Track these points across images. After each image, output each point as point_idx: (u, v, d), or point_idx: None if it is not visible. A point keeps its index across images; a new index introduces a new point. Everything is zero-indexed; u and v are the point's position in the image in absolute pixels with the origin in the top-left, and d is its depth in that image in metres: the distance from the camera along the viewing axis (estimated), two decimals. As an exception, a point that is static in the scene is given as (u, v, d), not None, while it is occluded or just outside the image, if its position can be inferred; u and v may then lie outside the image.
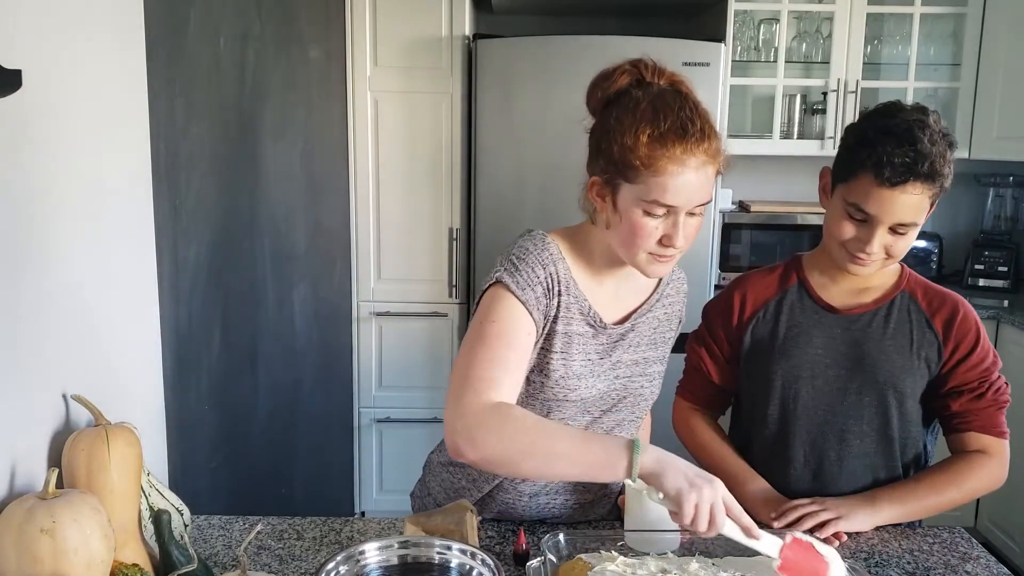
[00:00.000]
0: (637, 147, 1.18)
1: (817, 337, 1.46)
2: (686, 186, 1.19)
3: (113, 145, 1.35)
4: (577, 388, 1.31)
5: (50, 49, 1.15)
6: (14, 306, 1.07)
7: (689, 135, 1.18)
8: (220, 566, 1.24)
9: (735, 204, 3.49)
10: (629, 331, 1.37)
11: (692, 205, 1.21)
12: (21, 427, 1.09)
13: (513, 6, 3.32)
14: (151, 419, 1.49)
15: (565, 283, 1.29)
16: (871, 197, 1.33)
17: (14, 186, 1.07)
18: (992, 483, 1.44)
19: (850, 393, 1.44)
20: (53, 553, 0.95)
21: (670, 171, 1.18)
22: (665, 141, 1.17)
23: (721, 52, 2.88)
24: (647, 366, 1.39)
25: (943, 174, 1.32)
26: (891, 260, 1.39)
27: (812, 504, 1.38)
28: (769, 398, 1.49)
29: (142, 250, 1.46)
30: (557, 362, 1.30)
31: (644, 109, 1.20)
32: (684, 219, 1.21)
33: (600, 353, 1.34)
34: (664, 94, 1.22)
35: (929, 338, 1.43)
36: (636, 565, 1.16)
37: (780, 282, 1.52)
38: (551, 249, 1.30)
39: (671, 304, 1.44)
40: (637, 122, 1.19)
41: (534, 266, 1.27)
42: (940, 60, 3.40)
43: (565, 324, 1.30)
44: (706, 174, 1.20)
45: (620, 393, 1.37)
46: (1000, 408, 1.43)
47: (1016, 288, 3.36)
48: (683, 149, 1.18)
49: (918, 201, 1.32)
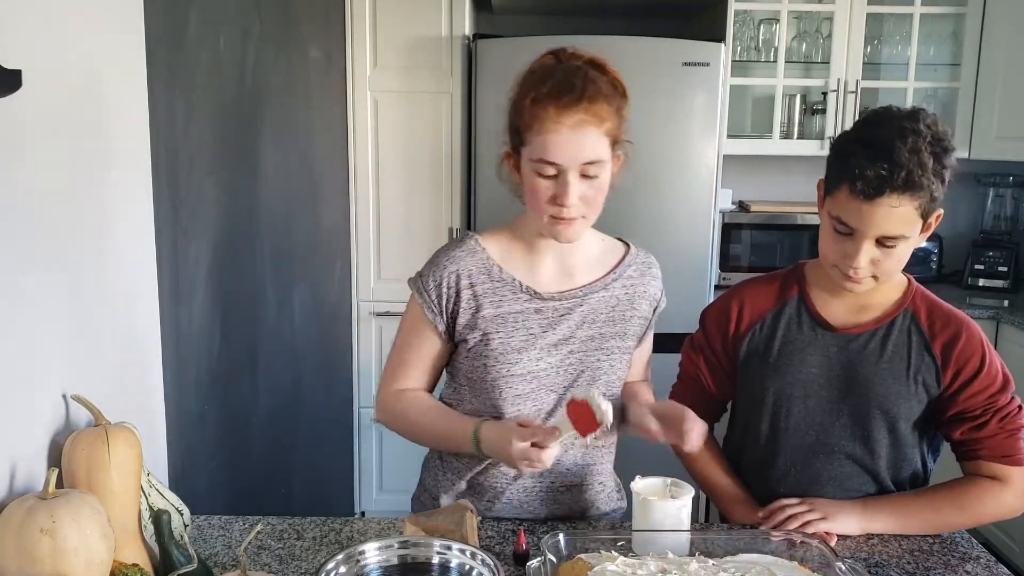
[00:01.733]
0: (523, 110, 1.29)
1: (812, 355, 1.44)
2: (564, 143, 1.26)
3: (113, 145, 1.35)
4: (519, 361, 1.37)
5: (50, 49, 1.15)
6: (14, 306, 1.07)
7: (564, 95, 1.26)
8: (220, 566, 1.24)
9: (735, 204, 3.49)
10: (578, 305, 1.40)
11: (577, 164, 1.27)
12: (21, 427, 1.09)
13: (513, 6, 3.32)
14: (151, 419, 1.49)
15: (484, 272, 1.39)
16: (850, 211, 1.30)
17: (14, 186, 1.07)
18: (1003, 512, 1.39)
19: (842, 415, 1.43)
20: (53, 553, 0.95)
21: (547, 129, 1.26)
22: (544, 102, 1.26)
23: (721, 52, 2.88)
24: (603, 341, 1.41)
25: (923, 184, 1.25)
26: (884, 278, 1.35)
27: (800, 504, 1.38)
28: (761, 414, 1.48)
29: (142, 250, 1.46)
30: (495, 341, 1.37)
31: (535, 76, 1.31)
32: (575, 179, 1.28)
33: (543, 327, 1.39)
34: (557, 67, 1.30)
35: (927, 362, 1.39)
36: (636, 565, 1.17)
37: (780, 293, 1.50)
38: (465, 246, 1.41)
39: (634, 286, 1.46)
40: (525, 89, 1.30)
41: (436, 270, 1.40)
42: (940, 60, 3.40)
43: (495, 307, 1.38)
44: (584, 134, 1.26)
45: (576, 368, 1.40)
46: (1012, 435, 1.36)
47: (1016, 288, 3.36)
48: (556, 108, 1.26)
49: (902, 213, 1.27)
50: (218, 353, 1.89)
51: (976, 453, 1.39)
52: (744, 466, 1.54)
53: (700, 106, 2.90)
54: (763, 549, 1.22)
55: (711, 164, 2.94)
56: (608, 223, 2.96)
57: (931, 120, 1.29)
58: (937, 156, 1.27)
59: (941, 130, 1.29)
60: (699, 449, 1.37)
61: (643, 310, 1.47)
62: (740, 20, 3.31)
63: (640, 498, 1.27)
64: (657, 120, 2.89)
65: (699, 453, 1.55)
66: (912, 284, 1.45)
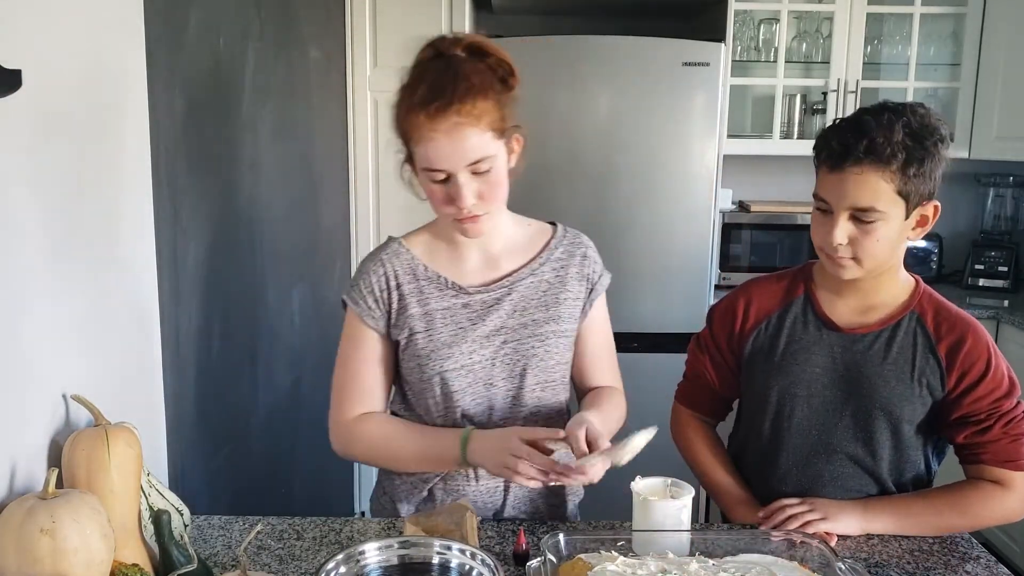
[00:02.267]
0: (400, 120, 1.28)
1: (816, 355, 1.44)
2: (443, 149, 1.24)
3: (113, 145, 1.35)
4: (451, 355, 1.36)
5: (50, 49, 1.15)
6: (14, 306, 1.07)
7: (433, 101, 1.22)
8: (220, 566, 1.24)
9: (735, 204, 3.49)
10: (505, 295, 1.40)
11: (463, 166, 1.25)
12: (21, 427, 1.09)
13: (513, 6, 3.32)
14: (151, 419, 1.49)
15: (409, 272, 1.39)
16: (823, 185, 1.34)
17: (13, 186, 1.07)
18: (1005, 516, 1.39)
19: (845, 416, 1.42)
20: (53, 553, 0.95)
21: (424, 138, 1.24)
22: (415, 111, 1.24)
23: (721, 52, 2.87)
24: (536, 327, 1.40)
25: (887, 153, 1.27)
26: (868, 262, 1.34)
27: (800, 504, 1.38)
28: (764, 412, 1.48)
29: (142, 250, 1.46)
30: (424, 339, 1.37)
31: (409, 83, 1.27)
32: (467, 180, 1.26)
33: (472, 320, 1.38)
34: (430, 65, 1.27)
35: (932, 365, 1.38)
36: (636, 565, 1.17)
37: (786, 293, 1.49)
38: (389, 249, 1.41)
39: (563, 266, 1.44)
40: (401, 97, 1.27)
41: (365, 277, 1.40)
42: (940, 60, 3.40)
43: (422, 306, 1.38)
44: (463, 136, 1.23)
45: (511, 357, 1.39)
46: (1015, 440, 1.36)
47: (1016, 288, 3.36)
48: (427, 116, 1.23)
49: (871, 185, 1.28)
50: (218, 353, 1.88)
51: (979, 457, 1.38)
52: (746, 464, 1.54)
53: (700, 106, 2.90)
54: (763, 549, 1.22)
55: (711, 164, 2.94)
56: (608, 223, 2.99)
57: (924, 111, 1.32)
58: (916, 136, 1.29)
59: (933, 121, 1.31)
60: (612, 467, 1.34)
61: (576, 291, 1.45)
62: (740, 20, 3.31)
63: (640, 498, 1.27)
64: (657, 120, 2.90)
65: (703, 452, 1.56)
66: (920, 286, 1.44)
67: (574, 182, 2.90)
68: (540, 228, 1.48)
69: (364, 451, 1.42)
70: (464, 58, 1.27)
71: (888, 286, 1.41)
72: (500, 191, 1.32)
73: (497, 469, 1.28)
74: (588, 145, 2.89)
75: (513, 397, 1.41)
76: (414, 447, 1.38)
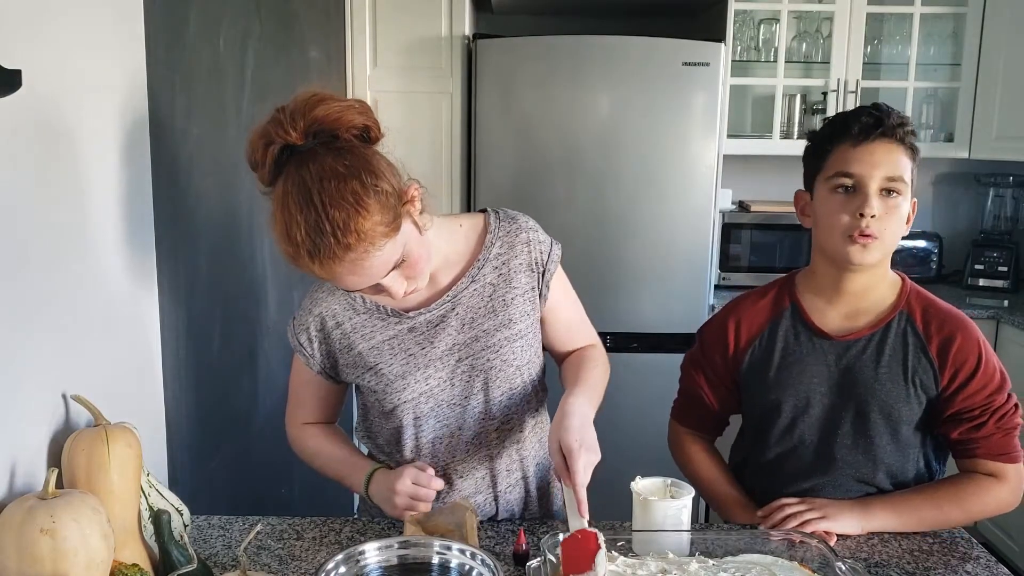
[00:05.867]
0: (285, 255, 1.15)
1: (812, 366, 1.44)
2: (349, 280, 1.16)
3: (113, 146, 1.35)
4: (407, 386, 1.34)
5: (50, 49, 1.15)
6: (14, 306, 1.07)
7: (315, 257, 1.11)
8: (220, 566, 1.24)
9: (735, 204, 3.49)
10: (449, 311, 1.34)
11: (374, 282, 1.18)
12: (21, 427, 1.09)
13: (513, 6, 3.32)
14: (151, 419, 1.49)
15: (348, 308, 1.36)
16: (852, 159, 1.36)
17: (13, 186, 1.07)
18: (999, 508, 1.40)
19: (844, 422, 1.43)
20: (53, 553, 0.95)
21: (320, 273, 1.15)
22: (303, 263, 1.13)
23: (721, 52, 2.88)
24: (488, 338, 1.34)
25: (909, 136, 1.36)
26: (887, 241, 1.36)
27: (799, 504, 1.38)
28: (766, 427, 1.49)
29: (142, 250, 1.46)
30: (375, 375, 1.35)
31: (281, 229, 1.14)
32: (390, 281, 1.19)
33: (421, 344, 1.34)
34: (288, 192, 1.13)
35: (924, 365, 1.39)
36: (636, 565, 1.17)
37: (773, 306, 1.50)
38: (323, 287, 1.37)
39: (507, 262, 1.36)
40: (281, 246, 1.14)
41: (303, 315, 1.38)
42: (940, 60, 3.40)
43: (367, 340, 1.35)
44: (364, 268, 1.14)
45: (468, 374, 1.35)
46: (1008, 433, 1.38)
47: (1016, 288, 3.36)
48: (320, 266, 1.12)
49: (898, 155, 1.35)
50: (218, 353, 1.88)
51: (973, 452, 1.39)
52: (749, 473, 1.55)
53: (700, 106, 2.90)
54: (763, 549, 1.22)
55: (711, 164, 2.94)
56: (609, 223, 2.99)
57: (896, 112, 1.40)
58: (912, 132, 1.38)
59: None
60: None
61: (523, 283, 1.36)
62: (740, 20, 3.32)
63: (640, 498, 1.27)
64: (657, 120, 2.90)
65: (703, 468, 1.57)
66: (906, 284, 1.45)
67: (574, 182, 2.90)
68: (472, 225, 1.38)
69: (303, 458, 1.49)
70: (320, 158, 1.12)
71: (877, 286, 1.42)
72: (423, 262, 1.23)
73: (390, 511, 1.34)
74: (588, 145, 2.89)
75: (480, 412, 1.38)
76: (332, 471, 1.45)
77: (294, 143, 1.15)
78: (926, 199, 3.67)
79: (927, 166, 3.61)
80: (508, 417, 1.40)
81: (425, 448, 1.39)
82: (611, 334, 2.89)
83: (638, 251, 2.93)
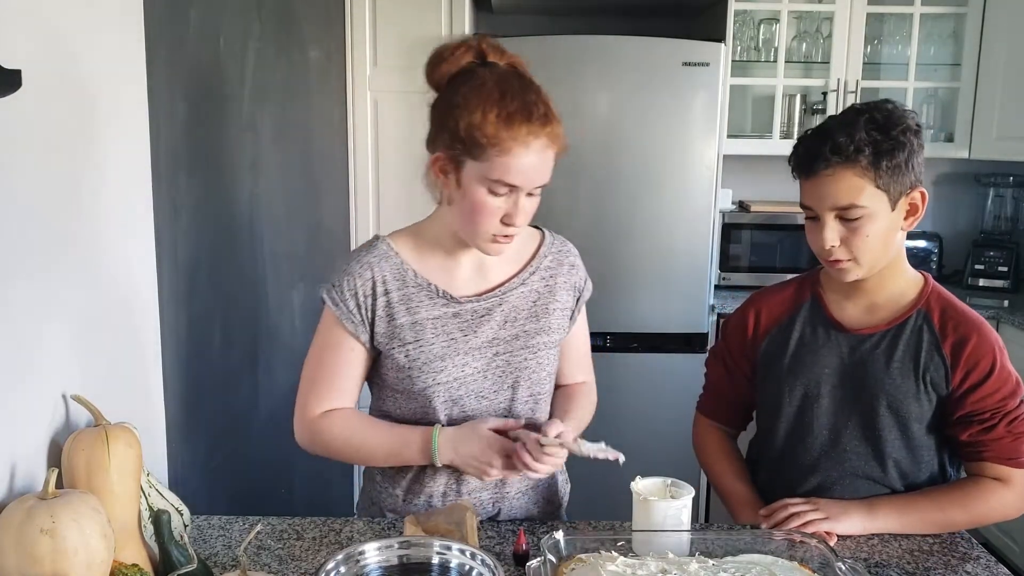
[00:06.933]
0: (484, 126, 1.22)
1: (825, 356, 1.45)
2: (529, 167, 1.24)
3: (113, 145, 1.35)
4: (444, 368, 1.34)
5: (50, 49, 1.15)
6: (14, 306, 1.07)
7: (534, 117, 1.22)
8: (220, 566, 1.24)
9: (735, 204, 3.49)
10: (496, 306, 1.37)
11: (533, 186, 1.26)
12: (21, 427, 1.09)
13: (513, 6, 3.32)
14: (151, 419, 1.49)
15: (398, 278, 1.35)
16: (805, 193, 1.38)
17: (13, 186, 1.07)
18: (1005, 513, 1.39)
19: (853, 415, 1.43)
20: (53, 553, 0.95)
21: (515, 151, 1.22)
22: (511, 122, 1.21)
23: (721, 52, 2.87)
24: (528, 339, 1.38)
25: (853, 150, 1.29)
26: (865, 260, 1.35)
27: (802, 503, 1.38)
28: (777, 415, 1.49)
29: (142, 250, 1.46)
30: (414, 351, 1.34)
31: (491, 89, 1.23)
32: (526, 200, 1.27)
33: (464, 330, 1.35)
34: (509, 76, 1.26)
35: (936, 362, 1.38)
36: (636, 565, 1.17)
37: (795, 297, 1.52)
38: (377, 251, 1.36)
39: (552, 275, 1.43)
40: (484, 101, 1.23)
41: (350, 279, 1.34)
42: (940, 60, 3.40)
43: (411, 315, 1.34)
44: (547, 156, 1.25)
45: (503, 369, 1.37)
46: (1017, 438, 1.37)
47: (1016, 288, 3.36)
48: (528, 130, 1.22)
49: (848, 182, 1.31)
50: (218, 353, 1.89)
51: (981, 455, 1.39)
52: (762, 467, 1.56)
53: (700, 106, 2.90)
54: (763, 549, 1.22)
55: (711, 164, 2.94)
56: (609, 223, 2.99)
57: (890, 106, 1.35)
58: (882, 129, 1.31)
59: (899, 113, 1.34)
60: None
61: (564, 300, 1.43)
62: (740, 20, 3.31)
63: (640, 498, 1.27)
64: (657, 120, 2.89)
65: (716, 460, 1.58)
66: (929, 283, 1.44)
67: (574, 182, 2.90)
68: (529, 234, 1.45)
69: (329, 444, 1.39)
70: (524, 77, 1.28)
71: (892, 282, 1.42)
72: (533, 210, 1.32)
73: (475, 476, 1.32)
74: (588, 145, 2.89)
75: (504, 410, 1.39)
76: (381, 441, 1.37)
77: (493, 61, 1.29)
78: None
79: (927, 166, 3.59)
80: (527, 420, 1.41)
81: None
82: (611, 334, 2.89)
83: (638, 251, 2.93)
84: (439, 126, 1.29)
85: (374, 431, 1.39)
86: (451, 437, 1.32)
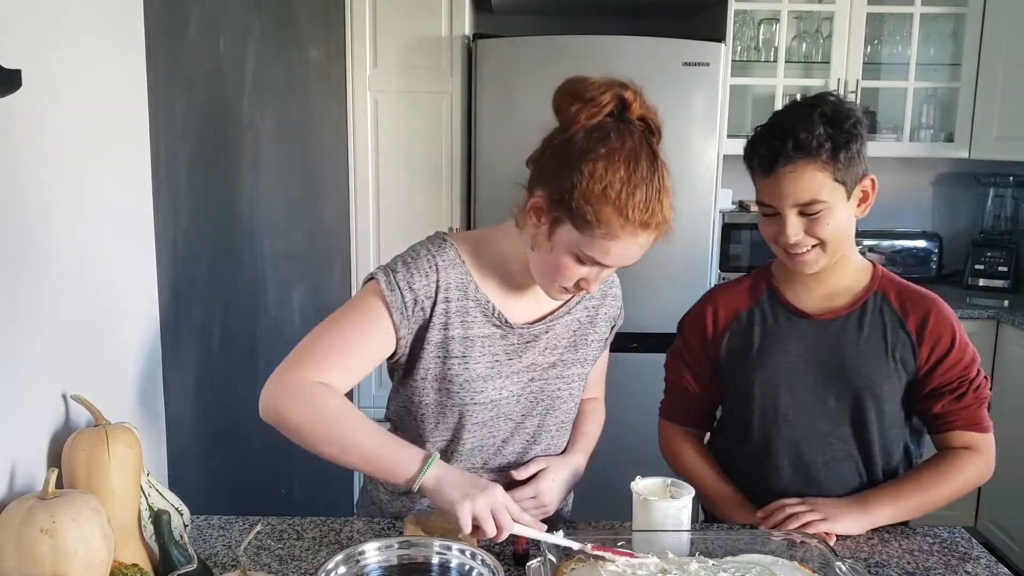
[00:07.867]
0: (599, 207, 1.15)
1: (792, 344, 1.46)
2: (628, 256, 1.21)
3: (113, 145, 1.35)
4: (484, 390, 1.31)
5: (50, 49, 1.15)
6: (14, 306, 1.07)
7: (651, 216, 1.16)
8: (220, 566, 1.24)
9: (735, 204, 3.49)
10: (543, 333, 1.36)
11: (621, 266, 1.24)
12: (21, 427, 1.09)
13: (513, 6, 3.32)
14: (151, 419, 1.49)
15: (460, 287, 1.29)
16: (764, 190, 1.38)
17: (14, 186, 1.07)
18: (980, 477, 1.44)
19: (828, 399, 1.44)
20: (53, 553, 0.95)
21: (620, 239, 1.17)
22: (627, 213, 1.15)
23: (721, 52, 2.88)
24: (564, 368, 1.38)
25: (814, 146, 1.30)
26: (829, 248, 1.37)
27: (800, 504, 1.38)
28: (750, 409, 1.49)
29: (142, 250, 1.46)
30: (459, 366, 1.30)
31: (618, 166, 1.15)
32: (606, 271, 1.24)
33: (509, 354, 1.33)
34: (640, 151, 1.17)
35: (903, 340, 1.42)
36: (636, 565, 1.17)
37: (751, 292, 1.53)
38: (446, 255, 1.29)
39: (595, 307, 1.42)
40: (608, 178, 1.15)
41: (415, 272, 1.26)
42: (940, 60, 3.40)
43: (464, 328, 1.29)
44: (648, 244, 1.21)
45: (536, 396, 1.37)
46: (981, 404, 1.43)
47: (1016, 288, 3.36)
48: (642, 226, 1.17)
49: (808, 177, 1.32)
50: (218, 353, 1.89)
51: (951, 424, 1.43)
52: (740, 469, 1.54)
53: (700, 106, 2.90)
54: (763, 549, 1.22)
55: (711, 164, 2.94)
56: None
57: (834, 99, 1.37)
58: (834, 123, 1.32)
59: (846, 106, 1.36)
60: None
61: (602, 331, 1.44)
62: (740, 20, 3.31)
63: (640, 498, 1.27)
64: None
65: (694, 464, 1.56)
66: (878, 268, 1.48)
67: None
68: None
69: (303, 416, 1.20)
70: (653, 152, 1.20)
71: (845, 270, 1.45)
72: None
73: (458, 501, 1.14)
74: (588, 145, 2.89)
75: (529, 436, 1.39)
76: (368, 441, 1.21)
77: (629, 117, 1.21)
78: (926, 199, 3.67)
79: (927, 166, 3.61)
80: (548, 448, 1.41)
81: (464, 452, 1.36)
82: (611, 334, 2.88)
83: (638, 251, 2.93)
84: (552, 173, 1.21)
85: (368, 425, 1.22)
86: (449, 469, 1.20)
